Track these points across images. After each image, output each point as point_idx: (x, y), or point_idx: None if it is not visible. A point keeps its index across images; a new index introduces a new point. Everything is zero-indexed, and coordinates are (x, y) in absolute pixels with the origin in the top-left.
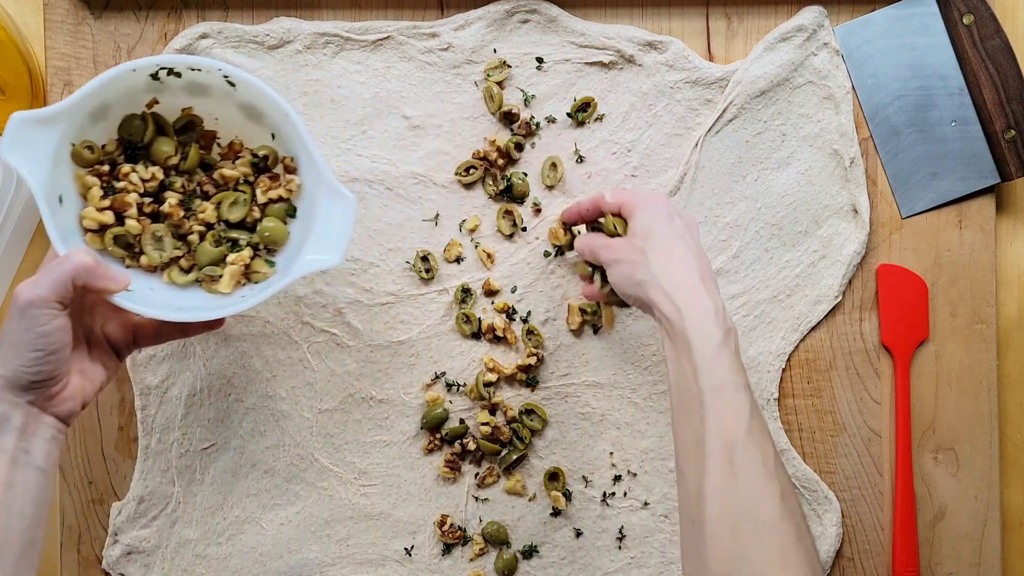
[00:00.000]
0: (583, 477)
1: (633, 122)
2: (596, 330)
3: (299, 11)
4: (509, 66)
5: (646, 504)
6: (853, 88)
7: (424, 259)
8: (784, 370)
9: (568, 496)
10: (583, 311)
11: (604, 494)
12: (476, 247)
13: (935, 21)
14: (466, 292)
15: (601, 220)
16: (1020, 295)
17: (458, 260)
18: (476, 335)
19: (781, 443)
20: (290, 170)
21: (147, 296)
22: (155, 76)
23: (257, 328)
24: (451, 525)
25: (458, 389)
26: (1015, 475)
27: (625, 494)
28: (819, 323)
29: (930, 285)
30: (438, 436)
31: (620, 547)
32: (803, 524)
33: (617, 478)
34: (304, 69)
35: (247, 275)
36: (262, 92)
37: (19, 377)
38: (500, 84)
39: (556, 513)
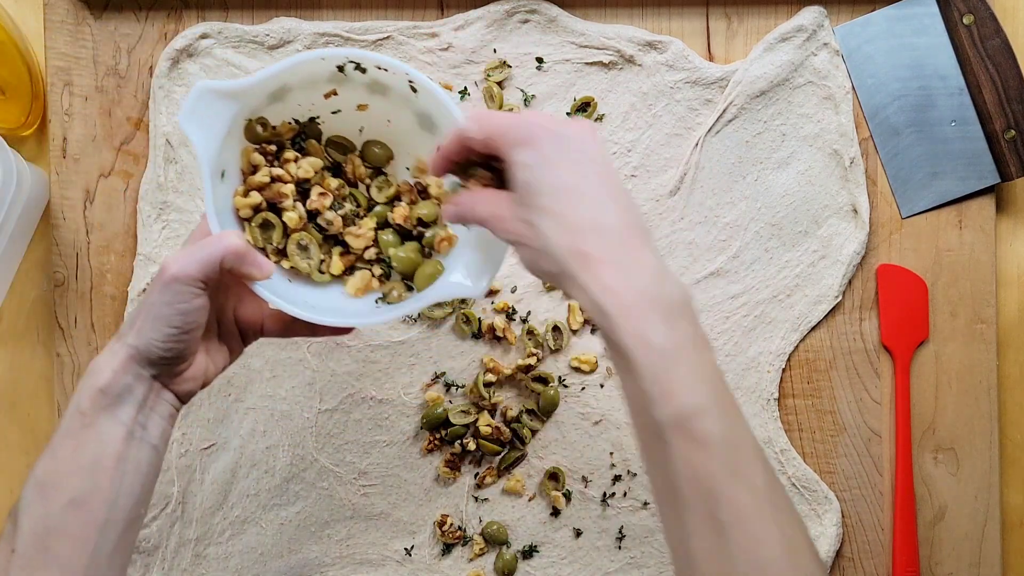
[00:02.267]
0: (583, 477)
1: (633, 122)
2: (594, 330)
3: (299, 11)
4: (509, 66)
5: (646, 504)
6: (853, 88)
7: None
8: (784, 370)
9: (568, 496)
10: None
11: (604, 494)
12: None
13: (935, 21)
14: None
15: (473, 170)
16: (1020, 295)
17: None
18: (476, 335)
19: (781, 443)
20: None
21: (284, 288)
22: (341, 68)
23: None
24: (451, 525)
25: (458, 389)
26: (1015, 475)
27: (625, 494)
28: (819, 323)
29: (930, 285)
30: (438, 436)
31: (620, 547)
32: (814, 566)
33: (617, 478)
34: None
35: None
36: (442, 103)
37: (151, 351)
38: (500, 84)
39: (556, 513)
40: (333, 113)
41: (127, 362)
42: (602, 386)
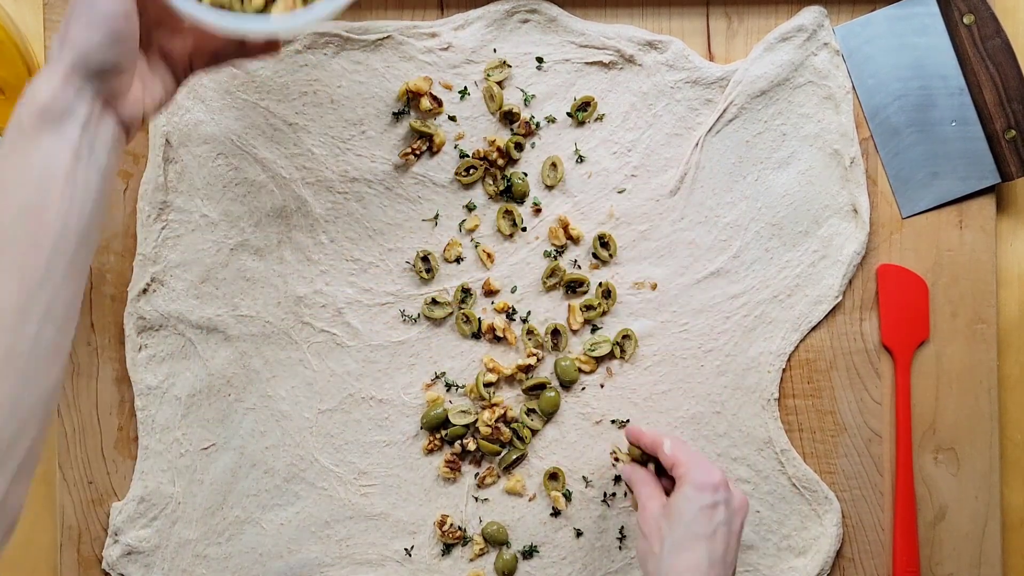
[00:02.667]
0: (583, 477)
1: (633, 122)
2: (594, 330)
3: None
4: (509, 66)
5: None
6: (853, 88)
7: (424, 259)
8: (784, 370)
9: (568, 496)
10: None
11: (604, 494)
12: (476, 247)
13: (935, 21)
14: (466, 292)
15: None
16: (1020, 295)
17: (458, 260)
18: (476, 335)
19: (781, 443)
20: None
21: (204, 11)
22: None
23: (257, 328)
24: (451, 525)
25: (458, 389)
26: (1015, 475)
27: (626, 494)
28: (819, 323)
29: (930, 285)
30: (438, 436)
31: (620, 547)
32: None
33: (617, 478)
34: (304, 69)
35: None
36: None
37: (89, 58)
38: (500, 84)
39: (556, 513)
40: None
41: (67, 76)
42: (602, 386)
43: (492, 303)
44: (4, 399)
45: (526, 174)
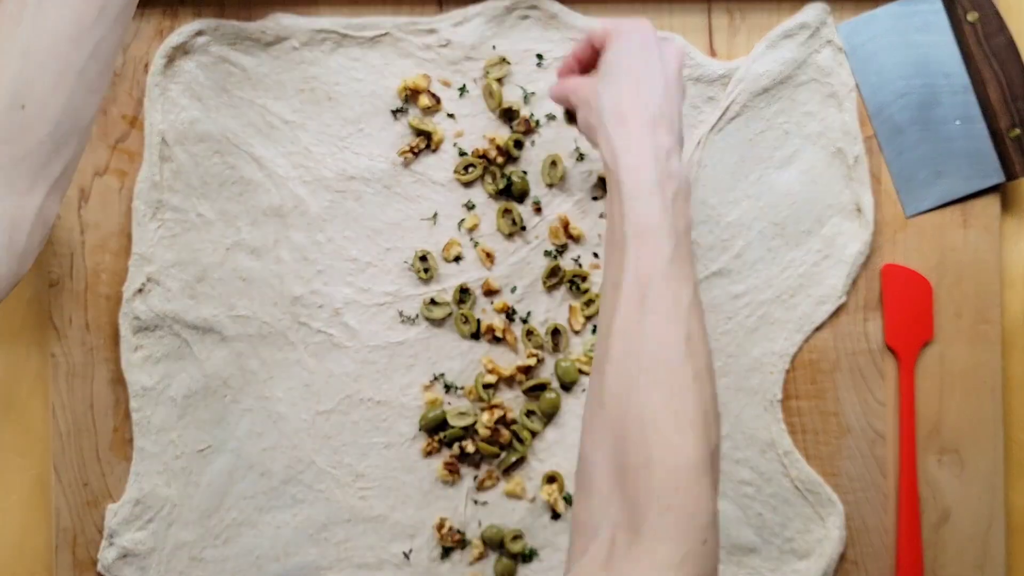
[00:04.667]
0: None
1: None
2: (595, 330)
3: (296, 7)
4: (509, 63)
5: None
6: (857, 86)
7: (423, 259)
8: (788, 371)
9: (568, 500)
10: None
11: None
12: (475, 246)
13: (939, 18)
14: (465, 292)
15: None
16: None
17: (457, 260)
18: (475, 336)
19: (784, 445)
20: None
21: None
22: None
23: (254, 329)
24: (450, 528)
25: (457, 391)
26: (1020, 477)
27: None
28: (823, 323)
29: (935, 285)
30: (437, 438)
31: None
32: (705, 369)
33: None
34: (301, 66)
35: None
36: None
37: None
38: (500, 81)
39: (556, 516)
40: None
41: None
42: None
43: (492, 303)
44: (51, 115)
45: (526, 172)
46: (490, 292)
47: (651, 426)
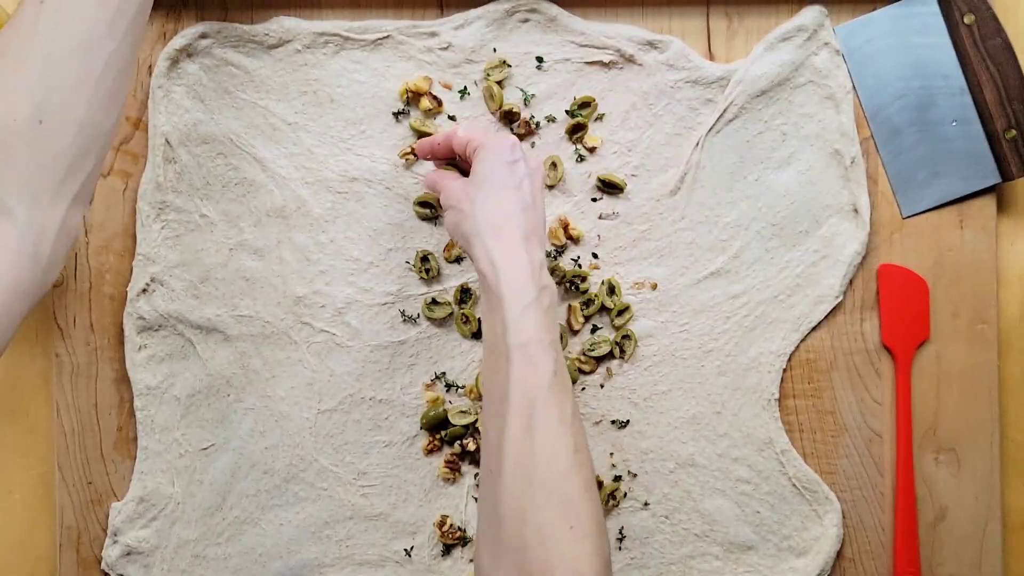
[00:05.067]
0: None
1: (633, 122)
2: (594, 330)
3: (299, 10)
4: (509, 65)
5: (646, 505)
6: (854, 88)
7: (424, 259)
8: (785, 370)
9: None
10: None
11: (604, 494)
12: None
13: (936, 20)
14: (465, 292)
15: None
16: (1021, 295)
17: (458, 260)
18: (476, 335)
19: (782, 444)
20: None
21: None
22: None
23: (257, 329)
24: (451, 526)
25: (458, 389)
26: (1016, 476)
27: (625, 495)
28: (820, 323)
29: (931, 285)
30: (438, 437)
31: (620, 548)
32: (591, 479)
33: (617, 478)
34: (303, 68)
35: None
36: None
37: None
38: (500, 83)
39: None
40: None
41: None
42: (602, 386)
43: None
44: (72, 126)
45: None
46: None
47: (550, 540)
